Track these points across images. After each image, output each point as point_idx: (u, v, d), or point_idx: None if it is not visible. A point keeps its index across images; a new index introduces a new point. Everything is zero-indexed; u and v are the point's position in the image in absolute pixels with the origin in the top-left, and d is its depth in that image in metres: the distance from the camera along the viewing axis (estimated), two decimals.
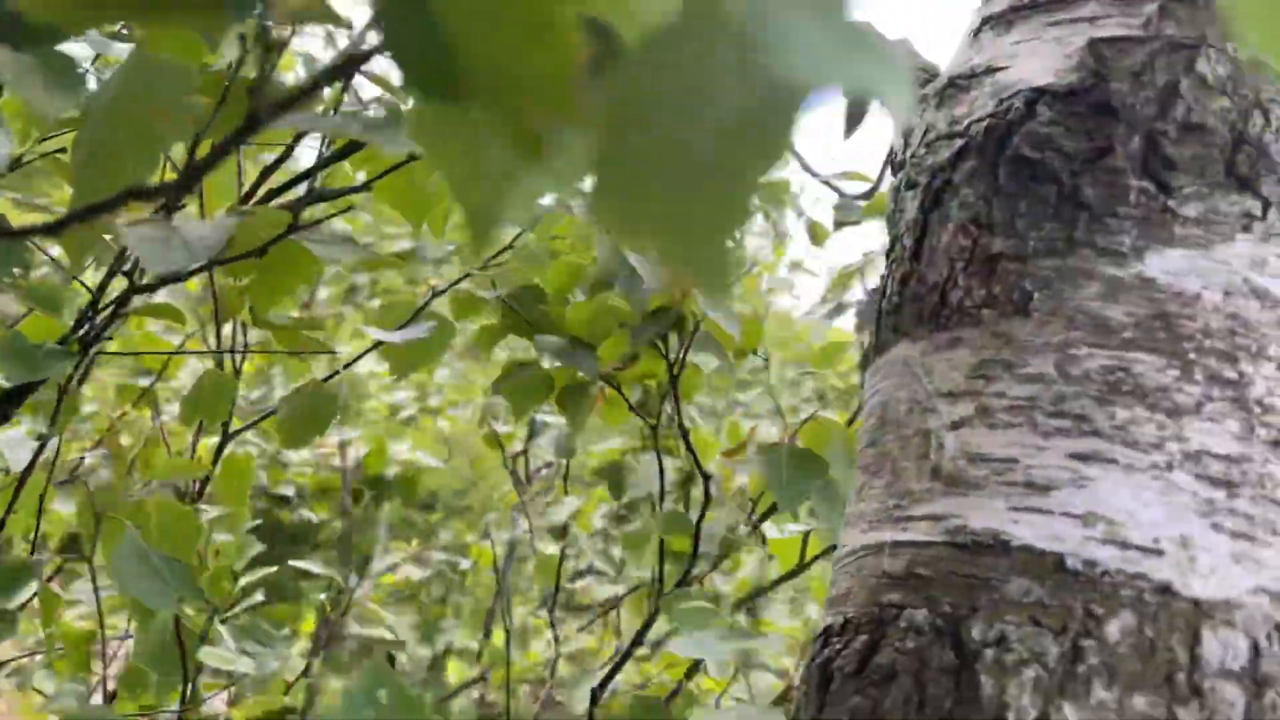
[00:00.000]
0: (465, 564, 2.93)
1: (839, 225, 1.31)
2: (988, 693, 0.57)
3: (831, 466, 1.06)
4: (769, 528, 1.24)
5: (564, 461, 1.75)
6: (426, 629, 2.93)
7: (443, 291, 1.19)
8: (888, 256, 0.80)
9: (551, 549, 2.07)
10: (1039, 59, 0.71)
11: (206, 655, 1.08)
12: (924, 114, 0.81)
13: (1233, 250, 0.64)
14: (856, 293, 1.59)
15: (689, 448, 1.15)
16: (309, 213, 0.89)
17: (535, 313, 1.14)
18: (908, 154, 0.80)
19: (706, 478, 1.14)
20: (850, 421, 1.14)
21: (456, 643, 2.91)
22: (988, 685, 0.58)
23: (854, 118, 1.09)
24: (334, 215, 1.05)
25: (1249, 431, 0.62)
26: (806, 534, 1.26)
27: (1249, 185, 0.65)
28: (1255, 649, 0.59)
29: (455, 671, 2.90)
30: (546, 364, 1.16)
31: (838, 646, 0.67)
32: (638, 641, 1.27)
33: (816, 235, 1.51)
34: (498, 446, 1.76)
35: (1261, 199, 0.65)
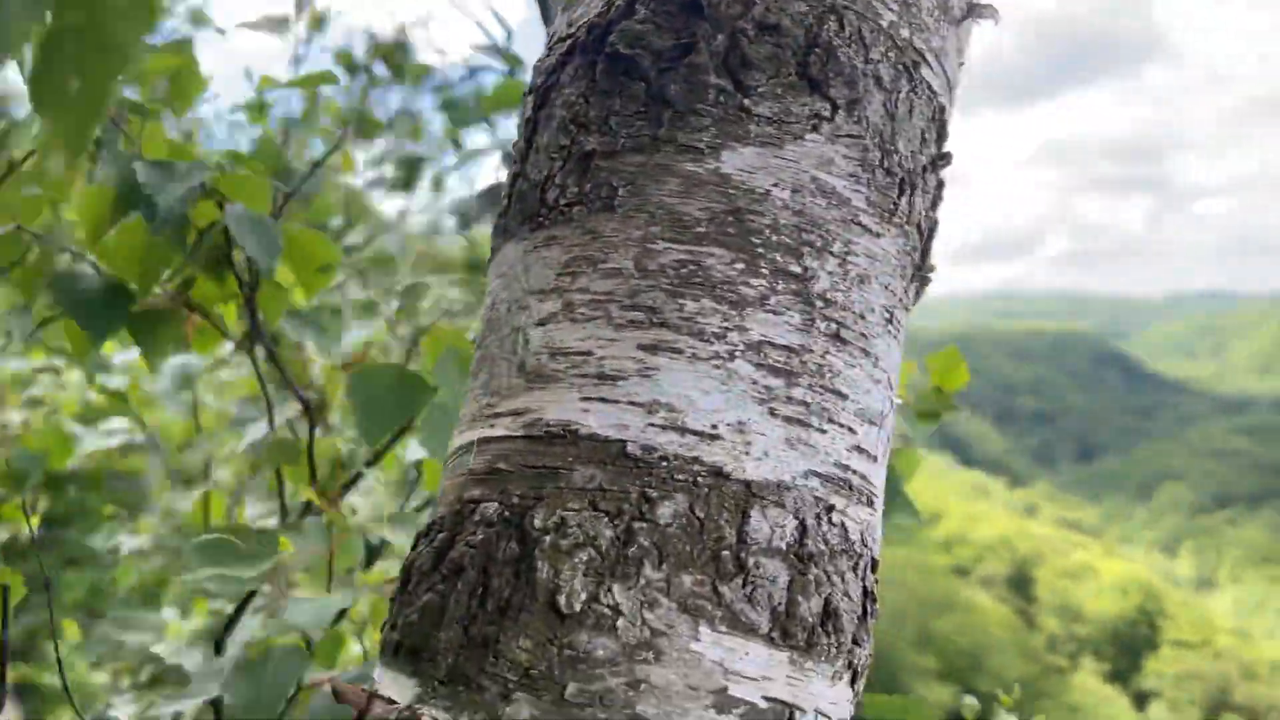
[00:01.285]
0: None
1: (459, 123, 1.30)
2: (543, 577, 0.58)
3: (449, 383, 1.05)
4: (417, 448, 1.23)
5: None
6: None
7: None
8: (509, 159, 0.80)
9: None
10: None
11: None
12: (560, 17, 0.82)
13: (802, 149, 0.67)
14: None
15: (277, 366, 1.12)
16: None
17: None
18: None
19: (304, 401, 1.11)
20: None
21: None
22: (543, 570, 0.59)
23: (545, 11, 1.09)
24: None
25: (810, 324, 0.65)
26: None
27: (819, 87, 0.68)
28: (803, 528, 0.63)
29: None
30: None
31: (420, 547, 0.67)
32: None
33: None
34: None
35: (830, 100, 0.68)
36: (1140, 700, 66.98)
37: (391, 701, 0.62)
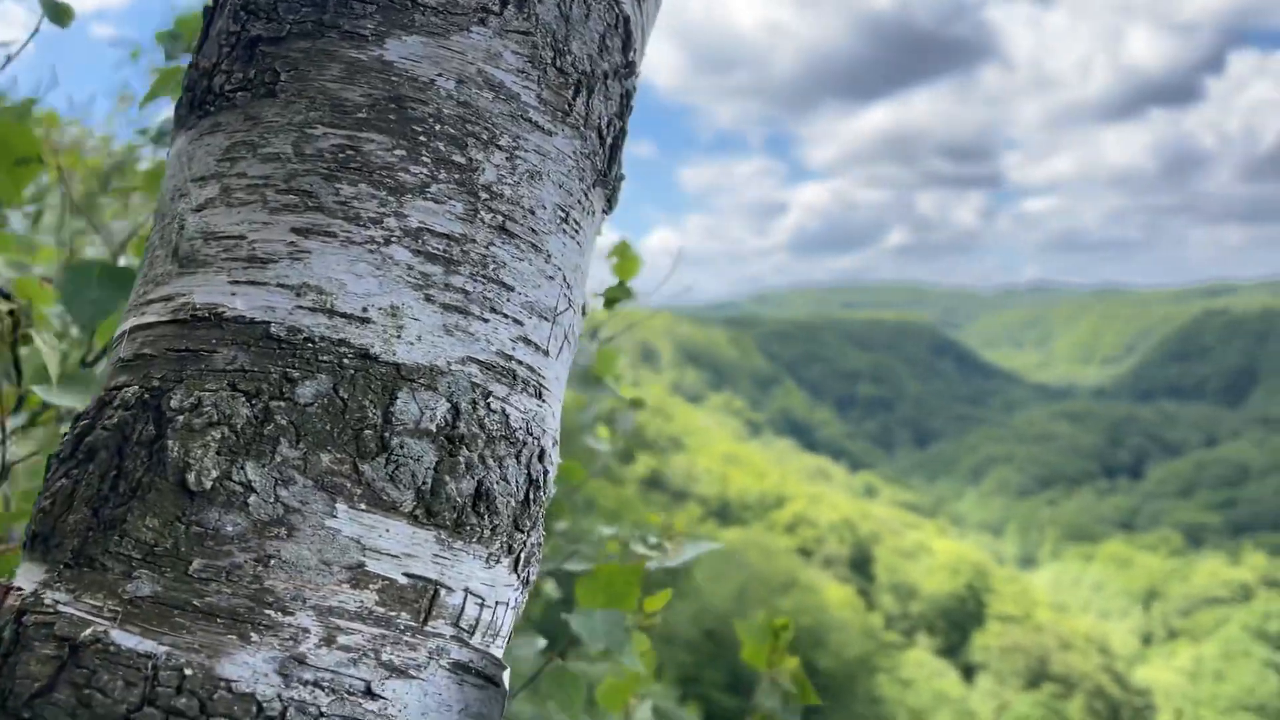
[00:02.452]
0: None
1: None
2: (174, 456, 0.58)
3: None
4: None
5: None
6: None
7: None
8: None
9: None
10: None
11: None
12: None
13: (469, 41, 0.68)
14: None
15: None
16: None
17: None
18: None
19: (4, 293, 1.07)
20: None
21: None
22: (174, 449, 0.58)
23: None
24: None
25: (474, 214, 0.67)
26: None
27: None
28: (455, 412, 0.64)
29: None
30: None
31: (66, 436, 0.65)
32: None
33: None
34: None
35: None
36: (968, 673, 71.21)
37: (20, 589, 0.60)
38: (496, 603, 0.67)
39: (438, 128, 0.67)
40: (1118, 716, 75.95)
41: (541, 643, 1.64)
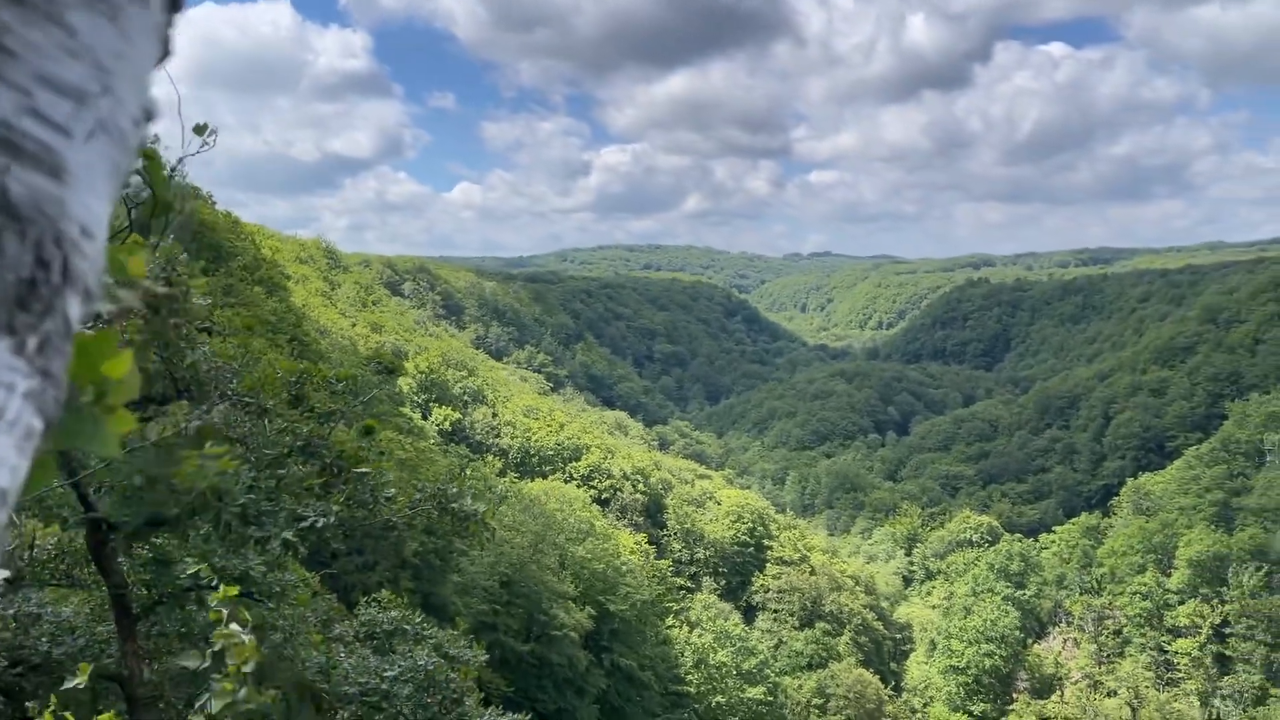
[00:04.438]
0: None
1: None
2: None
3: None
4: None
5: None
6: None
7: None
8: None
9: None
10: None
11: None
12: None
13: None
14: None
15: None
16: None
17: None
18: None
19: None
20: None
21: None
22: None
23: None
24: None
25: None
26: None
27: None
28: None
29: None
30: None
31: None
32: None
33: None
34: None
35: None
36: (749, 613, 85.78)
37: None
38: None
39: None
40: (880, 650, 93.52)
41: None
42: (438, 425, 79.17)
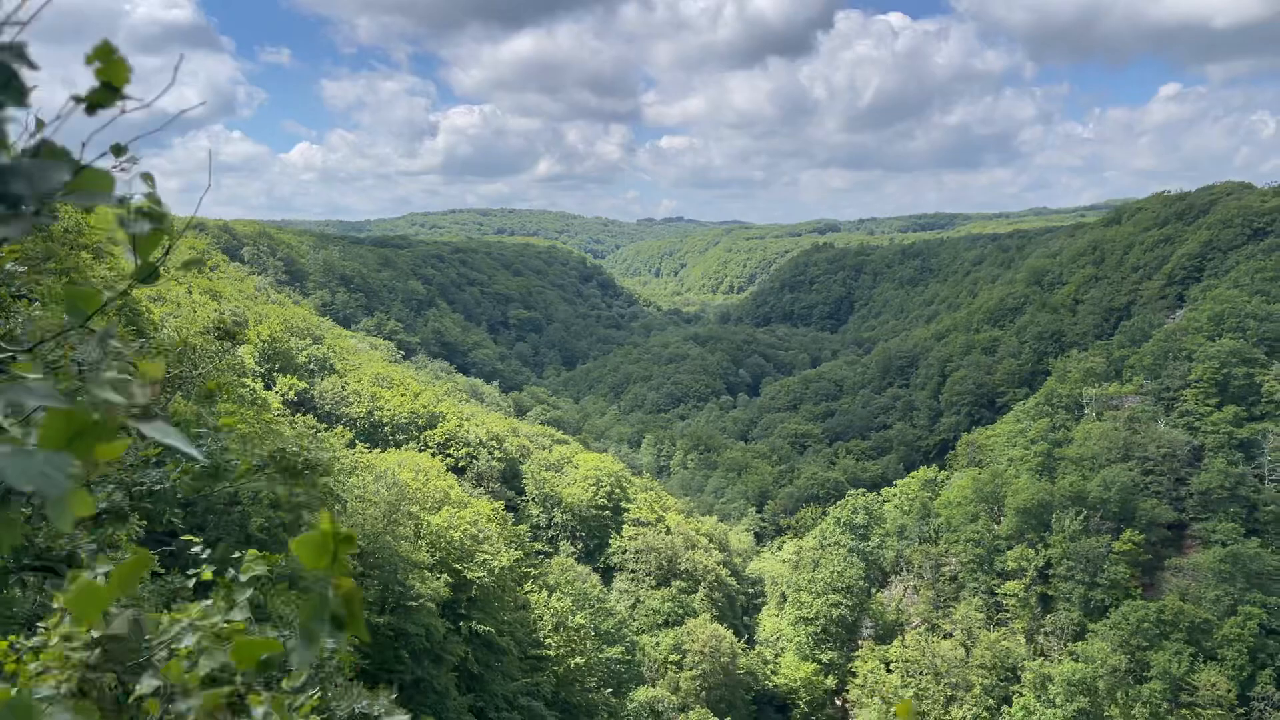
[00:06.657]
0: None
1: None
2: None
3: None
4: None
5: None
6: None
7: None
8: None
9: None
10: None
11: None
12: None
13: None
14: None
15: None
16: None
17: None
18: None
19: None
20: None
21: None
22: None
23: None
24: None
25: None
26: None
27: None
28: None
29: None
30: None
31: None
32: None
33: None
34: None
35: None
36: (607, 574, 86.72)
37: None
38: None
39: None
40: (734, 605, 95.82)
41: None
42: (282, 394, 76.34)
